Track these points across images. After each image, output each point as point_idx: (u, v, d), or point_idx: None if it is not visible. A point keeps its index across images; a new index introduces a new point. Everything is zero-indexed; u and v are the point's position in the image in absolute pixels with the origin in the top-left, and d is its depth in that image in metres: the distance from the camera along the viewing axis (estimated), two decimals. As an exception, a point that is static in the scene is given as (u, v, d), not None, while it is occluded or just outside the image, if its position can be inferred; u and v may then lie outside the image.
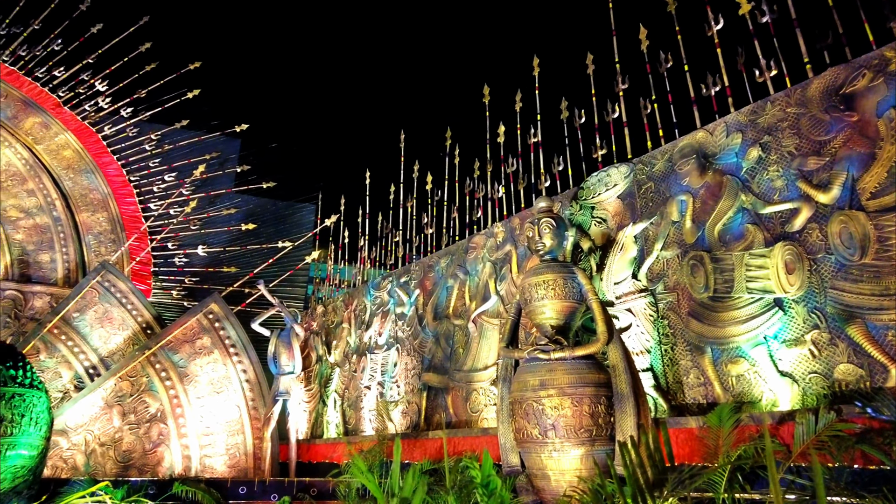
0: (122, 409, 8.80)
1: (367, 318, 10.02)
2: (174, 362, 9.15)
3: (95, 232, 11.18)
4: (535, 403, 4.81)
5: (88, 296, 9.85)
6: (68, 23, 12.11)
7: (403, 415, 8.56)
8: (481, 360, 7.42)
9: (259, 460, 8.99)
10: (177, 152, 12.25)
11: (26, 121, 11.37)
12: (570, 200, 6.67)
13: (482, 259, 7.85)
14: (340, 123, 15.59)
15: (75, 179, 11.34)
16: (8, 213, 10.67)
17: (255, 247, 12.10)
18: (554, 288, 5.11)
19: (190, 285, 11.58)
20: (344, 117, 15.54)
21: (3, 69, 11.54)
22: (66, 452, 8.44)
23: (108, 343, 9.83)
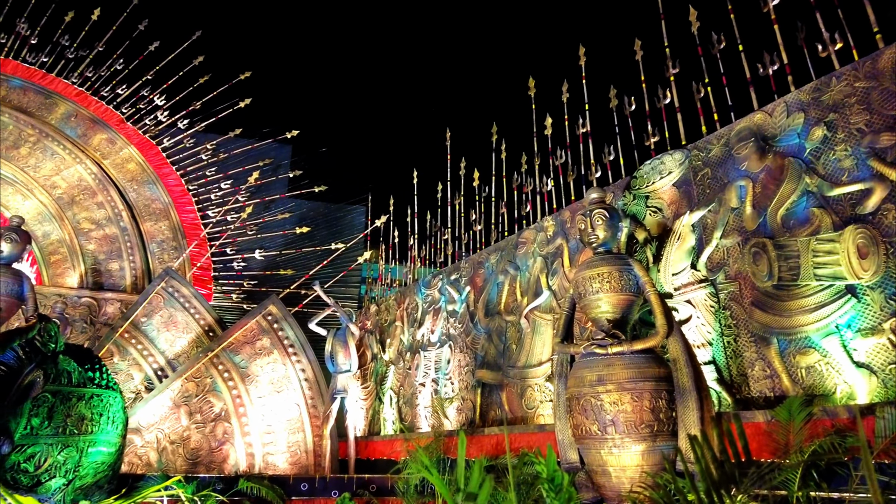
0: (188, 408, 9.19)
1: (420, 315, 10.10)
2: (236, 363, 9.48)
3: (158, 240, 11.71)
4: (593, 399, 4.72)
5: (154, 301, 10.33)
6: (128, 43, 12.73)
7: (458, 411, 8.58)
8: (535, 357, 7.36)
9: (319, 457, 9.20)
10: (231, 160, 12.68)
11: (94, 137, 12.01)
12: (623, 190, 6.51)
13: (532, 254, 7.78)
14: (387, 125, 15.76)
15: (139, 191, 11.90)
16: (81, 226, 11.31)
17: (310, 249, 12.39)
18: (609, 281, 5.00)
19: (249, 288, 11.98)
20: (391, 118, 15.71)
21: (73, 90, 12.24)
22: (140, 450, 8.88)
23: (174, 346, 10.28)
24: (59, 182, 11.41)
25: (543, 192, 8.07)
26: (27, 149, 11.41)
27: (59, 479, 5.15)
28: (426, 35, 15.72)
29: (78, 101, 12.18)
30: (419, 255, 11.02)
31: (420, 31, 16.18)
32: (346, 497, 7.01)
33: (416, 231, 11.26)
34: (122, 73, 12.60)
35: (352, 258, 12.63)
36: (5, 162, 11.27)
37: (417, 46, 15.63)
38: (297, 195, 12.97)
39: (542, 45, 14.53)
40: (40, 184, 11.31)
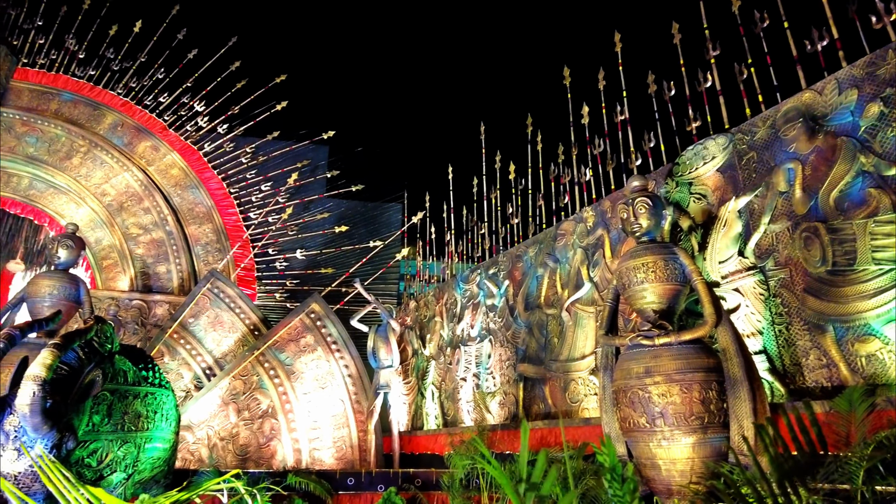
0: (237, 406, 9.43)
1: (459, 311, 10.11)
2: (281, 361, 9.68)
3: (203, 243, 12.04)
4: (640, 391, 4.64)
5: (201, 302, 10.63)
6: (168, 52, 13.11)
7: (501, 405, 8.56)
8: (578, 350, 7.27)
9: (364, 452, 9.32)
10: (270, 163, 12.93)
11: (140, 145, 12.43)
12: (665, 178, 6.36)
13: (572, 245, 7.68)
14: (421, 122, 15.81)
15: (182, 195, 12.26)
16: (130, 231, 11.72)
17: (349, 248, 12.54)
18: (654, 270, 4.90)
19: (291, 287, 12.21)
20: (424, 115, 15.75)
21: (119, 101, 12.68)
22: (192, 446, 9.17)
23: (221, 345, 10.56)
24: (108, 189, 11.85)
25: (582, 182, 7.95)
26: (79, 159, 11.89)
27: (120, 474, 5.35)
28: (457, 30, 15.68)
29: (123, 110, 12.61)
30: (456, 251, 11.02)
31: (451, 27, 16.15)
32: (391, 491, 7.08)
33: (452, 226, 11.28)
34: (164, 82, 12.99)
35: (390, 255, 12.73)
36: (59, 172, 11.76)
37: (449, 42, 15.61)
38: (334, 195, 13.14)
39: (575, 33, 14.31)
40: (91, 192, 11.76)
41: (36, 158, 11.79)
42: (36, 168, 11.80)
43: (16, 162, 11.79)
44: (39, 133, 11.98)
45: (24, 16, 12.87)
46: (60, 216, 11.78)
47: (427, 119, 15.64)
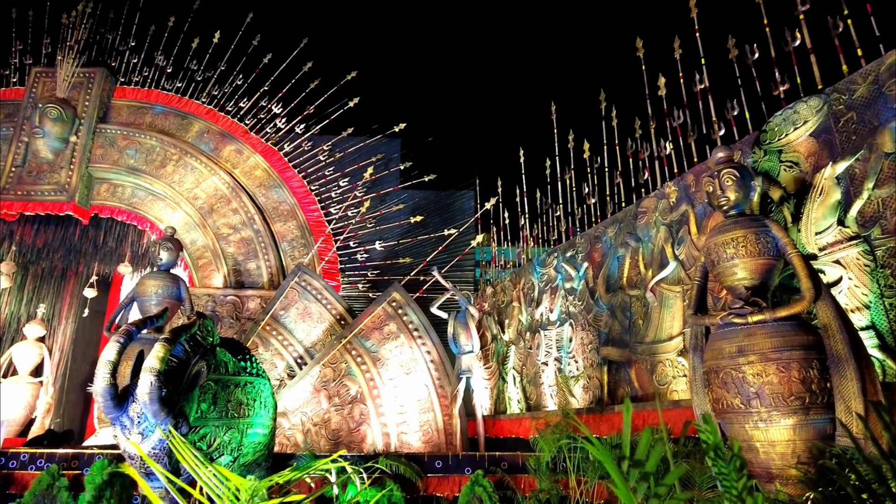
0: (327, 392, 9.87)
1: (536, 295, 10.05)
2: (367, 348, 10.02)
3: (289, 239, 12.61)
4: (733, 371, 4.45)
5: (290, 295, 11.18)
6: (245, 59, 13.74)
7: (585, 389, 8.46)
8: (664, 331, 7.05)
9: (450, 436, 9.51)
10: (346, 159, 13.32)
11: (224, 150, 13.16)
12: (752, 147, 6.01)
13: (655, 223, 7.43)
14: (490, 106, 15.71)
15: (267, 195, 12.88)
16: (221, 231, 12.47)
17: (424, 237, 12.74)
18: (745, 245, 4.66)
19: (372, 278, 12.58)
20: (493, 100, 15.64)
21: (204, 109, 13.47)
22: (287, 431, 9.71)
23: (310, 335, 11.07)
24: (199, 193, 12.65)
25: (662, 156, 7.65)
26: (172, 166, 12.76)
27: (227, 457, 5.77)
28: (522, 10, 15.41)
29: (208, 118, 13.38)
30: (531, 235, 10.93)
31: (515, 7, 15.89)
32: (479, 474, 7.19)
33: (526, 210, 11.19)
34: (243, 88, 13.64)
35: (464, 242, 12.81)
36: (156, 180, 12.67)
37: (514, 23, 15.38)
38: (408, 186, 13.36)
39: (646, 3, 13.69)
40: (184, 196, 12.60)
41: (136, 169, 12.77)
42: (136, 177, 12.79)
43: (119, 173, 12.83)
44: (137, 145, 12.95)
45: (119, 38, 13.90)
46: (159, 220, 12.71)
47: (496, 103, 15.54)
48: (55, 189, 12.42)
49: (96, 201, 12.88)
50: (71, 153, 12.62)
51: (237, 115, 13.48)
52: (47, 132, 12.41)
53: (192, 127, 13.29)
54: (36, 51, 13.79)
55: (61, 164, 12.58)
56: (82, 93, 13.08)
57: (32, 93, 13.09)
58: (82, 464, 7.94)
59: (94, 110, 12.99)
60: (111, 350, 4.74)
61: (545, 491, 6.76)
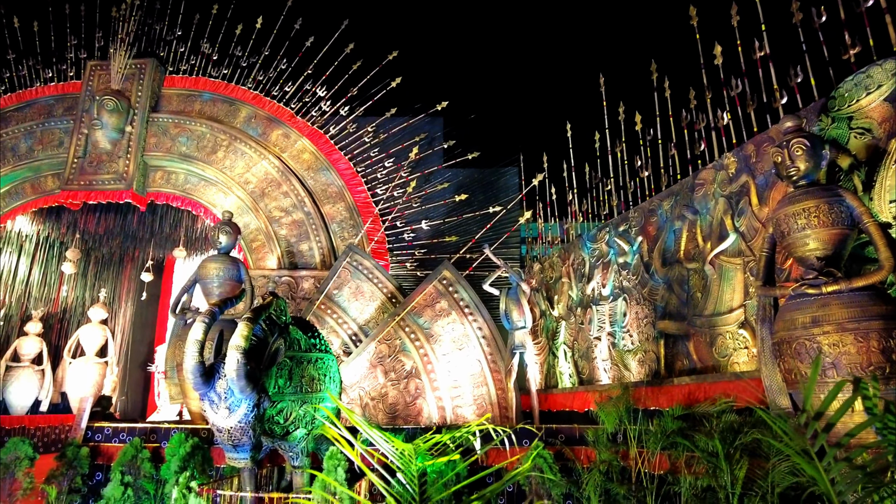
0: (383, 368, 10.16)
1: (587, 270, 10.05)
2: (420, 325, 10.24)
3: (338, 220, 12.86)
4: (807, 342, 4.45)
5: (342, 275, 11.46)
6: (288, 43, 13.88)
7: (640, 363, 8.50)
8: (724, 304, 7.01)
9: (503, 409, 9.69)
10: (390, 139, 13.42)
11: (272, 134, 13.42)
12: (818, 114, 5.87)
13: (713, 195, 7.34)
14: (534, 81, 15.48)
15: (315, 178, 13.12)
16: (273, 214, 12.80)
17: (470, 215, 12.81)
18: (817, 215, 4.61)
19: (420, 257, 12.75)
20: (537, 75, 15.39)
21: (250, 95, 13.73)
22: (346, 405, 10.04)
23: (363, 313, 11.35)
24: (250, 178, 12.97)
25: (719, 126, 7.51)
26: (222, 152, 13.10)
27: (302, 430, 6.06)
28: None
29: (254, 103, 13.64)
30: (580, 210, 10.90)
31: (556, -22, 15.54)
32: (539, 445, 7.35)
33: (574, 185, 11.13)
34: (287, 72, 13.82)
35: (510, 219, 12.83)
36: (208, 166, 13.05)
37: (556, -5, 15.08)
38: (452, 164, 13.40)
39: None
40: (236, 181, 12.95)
41: (188, 156, 13.16)
42: (189, 164, 13.18)
43: (173, 160, 13.25)
44: (188, 132, 13.32)
45: (166, 28, 14.21)
46: (213, 205, 13.11)
47: (540, 78, 15.29)
48: (114, 178, 12.92)
49: (152, 188, 13.35)
50: (127, 143, 13.07)
51: (282, 99, 13.69)
52: (105, 123, 12.87)
53: (239, 113, 13.58)
54: (90, 45, 14.23)
55: (119, 154, 13.05)
56: (135, 84, 13.48)
57: (89, 86, 13.56)
58: (160, 437, 8.43)
59: (146, 100, 13.39)
60: (198, 330, 5.01)
61: (606, 461, 6.89)
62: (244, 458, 5.25)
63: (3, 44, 14.15)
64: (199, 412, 9.18)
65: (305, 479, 6.22)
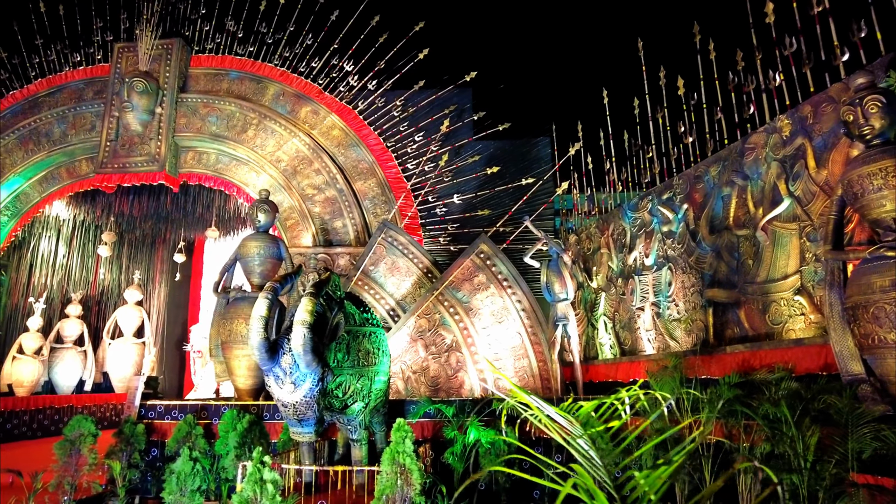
0: (424, 342, 10.21)
1: (628, 240, 9.92)
2: (458, 299, 10.24)
3: (370, 196, 12.83)
4: (886, 306, 4.34)
5: (378, 251, 11.47)
6: (313, 18, 13.70)
7: (687, 332, 8.41)
8: (779, 270, 6.87)
9: (545, 381, 9.71)
10: (420, 113, 13.26)
11: (301, 111, 13.34)
12: (885, 70, 5.63)
13: (765, 159, 7.14)
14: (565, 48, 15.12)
15: (345, 154, 13.06)
16: (306, 192, 12.80)
17: (502, 188, 12.67)
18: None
19: (452, 231, 12.69)
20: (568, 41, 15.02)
21: (277, 72, 13.62)
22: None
23: (400, 288, 11.38)
24: (281, 156, 12.95)
25: (771, 88, 7.28)
26: (253, 131, 13.07)
27: (360, 403, 6.12)
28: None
29: (282, 80, 13.54)
30: (619, 179, 10.72)
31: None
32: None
33: (612, 154, 10.93)
34: (313, 48, 13.66)
35: (542, 191, 12.67)
36: (239, 145, 13.05)
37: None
38: (483, 137, 13.23)
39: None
40: (268, 160, 12.94)
41: (218, 135, 13.16)
42: (220, 144, 13.19)
43: (203, 140, 13.26)
44: (218, 112, 13.30)
45: (190, 7, 14.09)
46: (245, 185, 13.15)
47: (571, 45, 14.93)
48: (147, 160, 12.98)
49: (184, 169, 13.40)
50: (158, 124, 13.09)
51: (310, 75, 13.57)
52: (135, 105, 12.89)
53: (267, 90, 13.51)
54: (115, 27, 14.19)
55: (150, 136, 13.09)
56: (162, 64, 13.45)
57: (117, 68, 13.56)
58: (210, 414, 8.59)
59: (174, 80, 13.36)
60: (262, 306, 5.03)
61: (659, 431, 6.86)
62: (309, 433, 5.32)
63: (31, 29, 14.17)
64: (246, 389, 9.34)
65: (364, 452, 6.30)
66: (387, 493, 4.58)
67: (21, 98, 14.02)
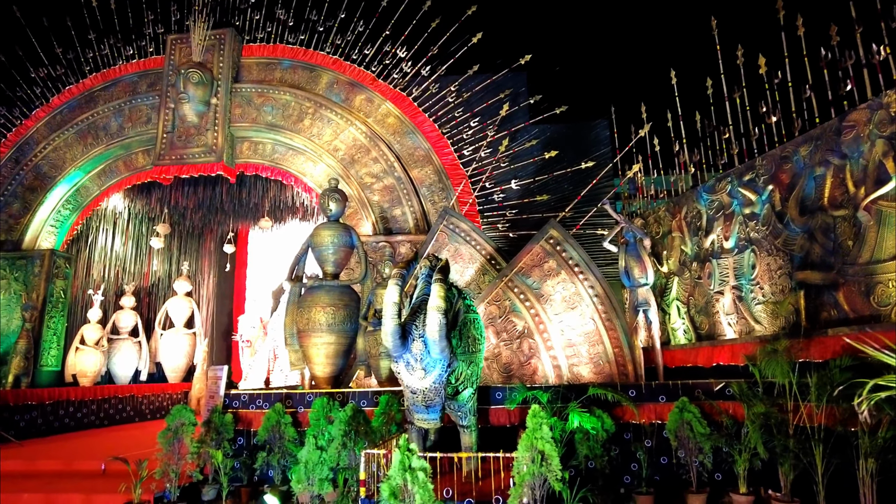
0: (495, 328, 10.18)
1: (704, 223, 9.77)
2: (528, 285, 10.18)
3: (427, 184, 12.77)
4: None
5: (440, 238, 11.45)
6: (364, 4, 13.60)
7: (774, 316, 8.28)
8: (885, 251, 6.70)
9: (621, 366, 9.63)
10: (474, 98, 13.14)
11: (355, 99, 13.29)
12: None
13: (868, 137, 6.94)
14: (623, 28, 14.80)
15: (401, 142, 13.00)
16: (364, 181, 12.79)
17: (560, 172, 12.55)
18: None
19: (511, 217, 12.62)
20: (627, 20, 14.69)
21: (329, 60, 13.56)
22: (461, 367, 10.13)
23: (464, 275, 11.35)
24: (339, 145, 12.94)
25: (873, 62, 7.06)
26: (309, 120, 13.06)
27: (469, 389, 6.11)
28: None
29: (335, 68, 13.48)
30: (690, 161, 10.54)
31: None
32: (685, 401, 7.28)
33: (682, 135, 10.74)
34: (365, 34, 13.57)
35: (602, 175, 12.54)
36: (295, 134, 13.05)
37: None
38: (539, 120, 13.08)
39: None
40: (325, 149, 12.93)
41: (275, 125, 13.17)
42: (276, 133, 13.20)
43: (260, 130, 13.28)
44: (273, 101, 13.30)
45: (240, -3, 14.09)
46: (302, 175, 13.17)
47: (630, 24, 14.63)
48: (204, 151, 13.05)
49: (240, 160, 13.45)
50: (214, 115, 13.14)
51: (362, 62, 13.51)
52: (191, 96, 12.94)
53: (320, 79, 13.47)
54: (166, 19, 14.22)
55: (206, 127, 13.15)
56: (215, 55, 13.46)
57: (171, 60, 13.61)
58: (295, 402, 8.66)
59: (228, 71, 13.38)
60: (394, 293, 5.02)
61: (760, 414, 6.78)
62: (434, 419, 5.32)
63: (84, 24, 14.24)
64: (325, 377, 9.40)
65: (474, 438, 6.31)
66: (526, 480, 4.57)
67: (77, 93, 14.15)
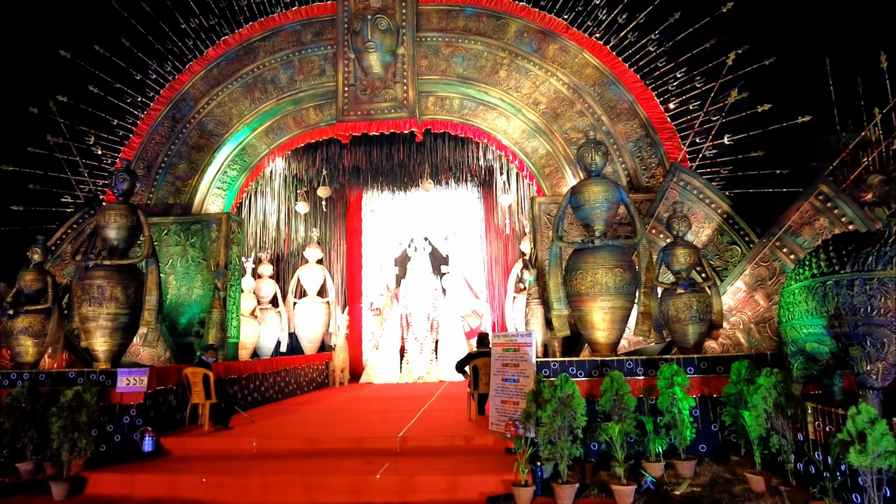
0: (764, 291, 9.59)
1: None
2: (799, 245, 9.55)
3: (633, 139, 11.98)
4: None
5: (670, 196, 10.79)
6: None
7: None
8: None
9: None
10: (675, 48, 12.28)
11: (548, 49, 12.33)
12: None
13: None
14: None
15: (602, 94, 12.14)
16: (570, 136, 11.98)
17: (775, 126, 11.80)
18: None
19: (726, 175, 11.90)
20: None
21: (517, 7, 12.50)
22: (728, 331, 9.56)
23: (699, 236, 10.71)
24: (539, 98, 12.06)
25: None
26: (504, 71, 12.15)
27: None
28: None
29: (523, 16, 12.46)
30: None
31: None
32: None
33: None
34: (552, -22, 12.59)
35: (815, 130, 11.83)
36: (490, 87, 12.16)
37: None
38: (747, 72, 12.26)
39: None
40: (523, 103, 12.05)
41: (467, 78, 12.24)
42: (467, 87, 12.28)
43: (450, 84, 12.34)
44: (463, 51, 12.34)
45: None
46: (495, 131, 12.31)
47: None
48: (393, 106, 12.14)
49: (426, 116, 12.57)
50: (402, 66, 12.19)
51: (552, 9, 12.53)
52: (379, 45, 11.95)
53: (508, 27, 12.49)
54: (331, -39, 13.08)
55: (393, 79, 12.21)
56: (396, 0, 12.42)
57: (345, 6, 12.55)
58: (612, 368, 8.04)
59: (412, 17, 12.37)
60: None
61: None
62: None
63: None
64: (608, 343, 8.79)
65: None
66: None
67: (234, 44, 13.07)
